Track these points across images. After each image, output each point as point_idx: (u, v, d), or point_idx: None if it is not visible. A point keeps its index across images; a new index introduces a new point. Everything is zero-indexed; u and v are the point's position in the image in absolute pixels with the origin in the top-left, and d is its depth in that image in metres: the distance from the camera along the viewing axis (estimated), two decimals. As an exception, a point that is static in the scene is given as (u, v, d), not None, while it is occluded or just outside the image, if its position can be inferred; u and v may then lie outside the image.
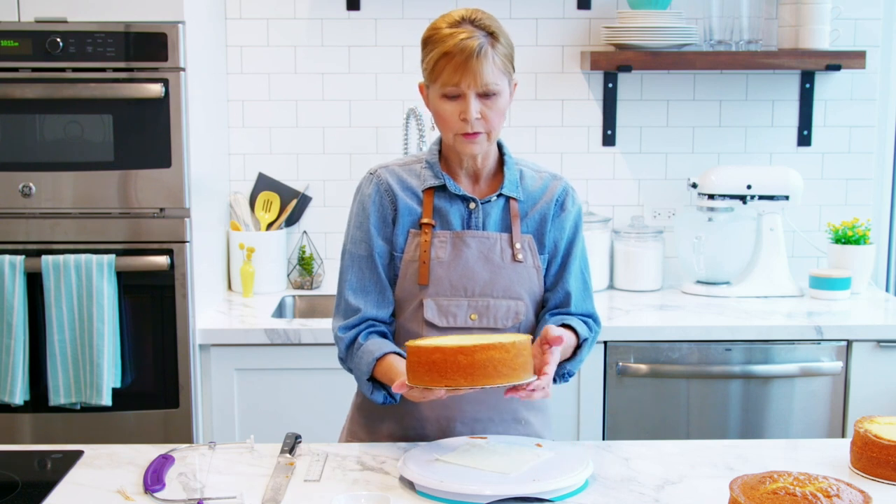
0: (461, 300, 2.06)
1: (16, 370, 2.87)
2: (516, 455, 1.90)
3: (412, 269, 2.07)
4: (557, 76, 3.53)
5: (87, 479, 1.88)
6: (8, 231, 2.93)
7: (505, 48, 1.99)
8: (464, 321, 2.06)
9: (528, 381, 1.81)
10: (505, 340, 1.79)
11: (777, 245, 3.41)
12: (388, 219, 2.09)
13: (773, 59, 3.34)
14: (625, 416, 3.03)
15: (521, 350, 1.80)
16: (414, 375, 1.82)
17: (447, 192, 2.09)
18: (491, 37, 1.96)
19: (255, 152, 3.53)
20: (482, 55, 1.94)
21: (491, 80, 1.95)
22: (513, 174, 2.11)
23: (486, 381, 1.77)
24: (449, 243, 2.06)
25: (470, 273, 2.06)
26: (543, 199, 2.12)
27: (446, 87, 1.97)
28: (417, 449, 1.94)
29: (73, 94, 2.87)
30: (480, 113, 1.97)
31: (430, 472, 1.81)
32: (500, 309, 2.06)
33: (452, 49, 1.94)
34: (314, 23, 3.48)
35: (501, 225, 2.09)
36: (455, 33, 1.95)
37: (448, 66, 1.95)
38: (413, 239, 2.07)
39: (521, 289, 2.07)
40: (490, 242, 2.07)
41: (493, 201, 2.09)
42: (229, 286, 3.47)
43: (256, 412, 3.01)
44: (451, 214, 2.07)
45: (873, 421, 1.95)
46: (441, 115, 2.01)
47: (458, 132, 2.00)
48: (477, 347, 1.76)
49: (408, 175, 2.11)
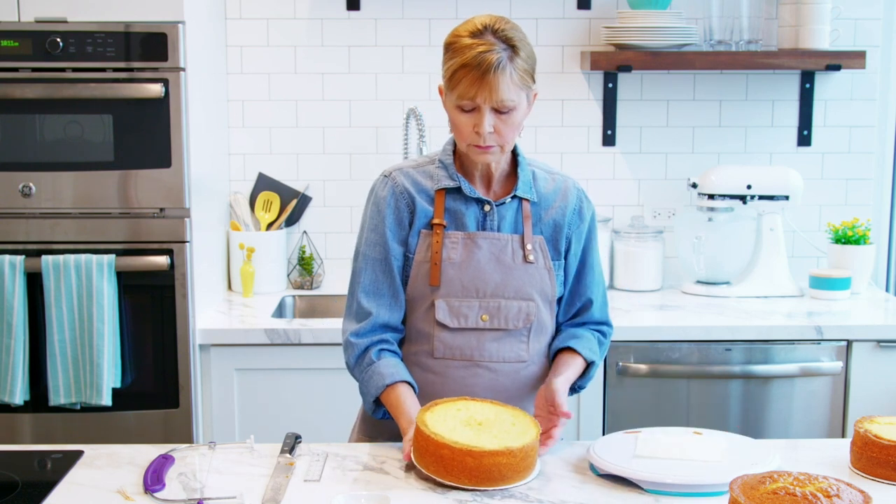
0: (472, 301, 2.06)
1: (16, 370, 2.87)
2: (693, 443, 1.95)
3: (423, 270, 2.07)
4: (557, 76, 3.53)
5: (87, 479, 1.88)
6: (8, 231, 2.93)
7: (524, 62, 1.98)
8: (475, 322, 2.07)
9: (532, 477, 1.87)
10: (514, 446, 1.82)
11: (777, 245, 3.41)
12: (405, 221, 2.09)
13: (773, 59, 3.34)
14: (625, 416, 3.02)
15: (528, 453, 1.84)
16: (420, 458, 1.85)
17: (461, 194, 2.09)
18: (511, 50, 1.95)
19: (255, 152, 3.53)
20: (499, 71, 1.93)
21: (507, 97, 1.95)
22: (526, 176, 2.12)
23: (490, 484, 1.81)
24: (461, 244, 2.07)
25: (481, 274, 2.06)
26: (557, 203, 2.13)
27: (462, 99, 1.97)
28: (599, 449, 1.94)
29: (73, 94, 2.87)
30: (494, 127, 1.98)
31: (651, 469, 1.84)
32: (512, 310, 2.07)
33: (471, 62, 1.93)
34: (314, 23, 3.48)
35: (515, 226, 2.10)
36: (475, 45, 1.94)
37: (465, 78, 1.94)
38: (424, 240, 2.08)
39: (532, 290, 2.08)
40: (501, 243, 2.07)
41: (507, 203, 2.10)
42: (229, 286, 3.47)
43: (256, 412, 3.01)
44: (466, 217, 2.08)
45: (873, 421, 1.95)
46: (456, 124, 2.02)
47: (472, 143, 2.01)
48: (486, 453, 1.80)
49: (421, 177, 2.11)
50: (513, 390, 2.11)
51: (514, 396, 2.10)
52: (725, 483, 1.75)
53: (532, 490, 1.83)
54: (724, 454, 1.90)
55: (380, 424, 2.17)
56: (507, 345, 2.08)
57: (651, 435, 1.99)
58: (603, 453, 1.91)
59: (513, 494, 1.81)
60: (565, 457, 2.00)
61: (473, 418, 1.91)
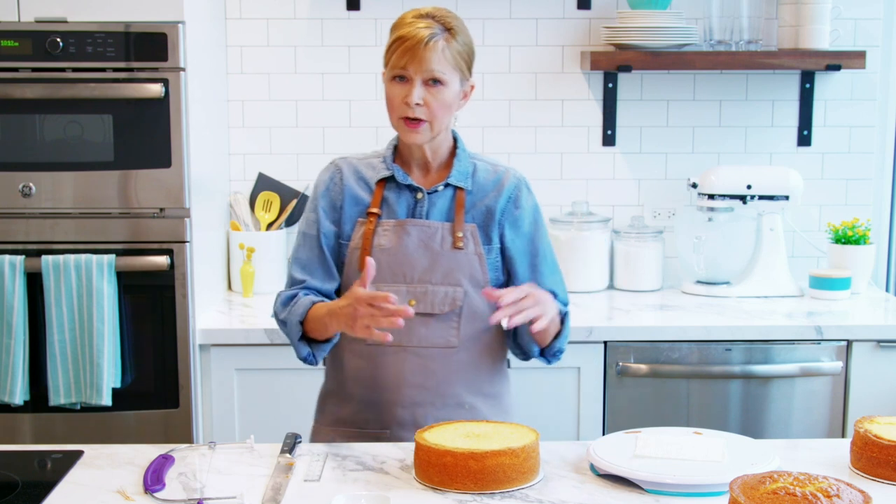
0: (400, 286, 2.12)
1: (16, 370, 2.87)
2: (693, 443, 1.95)
3: (355, 257, 2.15)
4: (557, 76, 3.53)
5: (87, 479, 1.88)
6: (8, 231, 2.93)
7: (461, 46, 2.09)
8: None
9: (537, 480, 1.86)
10: (515, 445, 1.83)
11: (777, 245, 3.41)
12: (337, 205, 2.18)
13: (773, 59, 3.34)
14: (625, 416, 3.02)
15: (530, 454, 1.84)
16: (423, 472, 1.85)
17: (397, 183, 2.17)
18: (448, 32, 2.07)
19: (255, 152, 3.53)
20: (432, 43, 2.04)
21: (437, 68, 2.05)
22: (463, 165, 2.18)
23: (495, 486, 1.81)
24: (392, 232, 2.14)
25: (409, 260, 2.13)
26: (494, 191, 2.19)
27: (395, 69, 2.07)
28: (599, 449, 1.94)
29: (73, 94, 2.87)
30: (424, 100, 2.06)
31: (651, 469, 1.84)
32: (438, 295, 2.13)
33: (406, 34, 2.05)
34: (314, 23, 3.48)
35: (447, 214, 2.16)
36: (414, 22, 2.07)
37: (399, 48, 2.06)
38: (359, 228, 2.16)
39: (460, 275, 2.13)
40: (431, 230, 2.14)
41: (440, 191, 2.17)
42: (229, 286, 3.47)
43: (256, 412, 3.01)
44: (397, 204, 2.16)
45: (873, 421, 1.95)
46: (389, 97, 2.11)
47: (401, 115, 2.09)
48: (488, 454, 1.80)
49: (364, 167, 2.21)
50: (442, 375, 2.14)
51: (443, 382, 2.14)
52: (725, 483, 1.75)
53: (532, 490, 1.83)
54: (724, 454, 1.90)
55: (324, 410, 2.23)
56: (435, 329, 2.13)
57: (651, 435, 1.99)
58: (603, 453, 1.91)
59: (513, 494, 1.81)
60: (565, 457, 2.00)
61: (472, 432, 1.92)
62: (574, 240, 3.42)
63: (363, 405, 2.17)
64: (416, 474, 1.87)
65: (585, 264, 3.43)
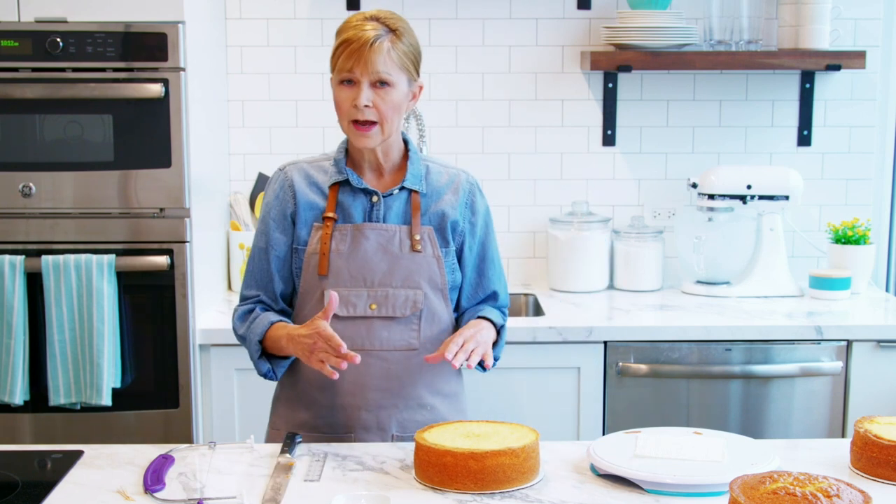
0: (360, 290, 2.13)
1: (16, 370, 2.87)
2: (693, 443, 1.95)
3: (313, 262, 2.14)
4: (557, 76, 3.53)
5: (87, 479, 1.88)
6: (8, 231, 2.93)
7: (406, 47, 2.08)
8: (363, 311, 2.13)
9: (536, 480, 1.87)
10: (515, 445, 1.83)
11: (777, 245, 3.41)
12: (287, 213, 2.17)
13: (773, 59, 3.34)
14: (625, 416, 3.02)
15: (530, 454, 1.85)
16: (423, 472, 1.85)
17: (351, 187, 2.16)
18: (393, 33, 2.06)
19: (255, 152, 3.53)
20: (377, 45, 2.04)
21: (383, 69, 2.05)
22: (416, 168, 2.19)
23: (495, 486, 1.82)
24: (349, 236, 2.14)
25: (368, 264, 2.13)
26: (448, 193, 2.20)
27: (342, 72, 2.07)
28: (599, 449, 1.94)
29: (73, 94, 2.87)
30: (372, 102, 2.06)
31: (651, 469, 1.84)
32: (399, 298, 2.13)
33: (351, 37, 2.05)
34: (314, 23, 3.48)
35: (403, 217, 2.17)
36: (360, 25, 2.06)
37: (345, 52, 2.05)
38: (315, 233, 2.15)
39: (420, 278, 2.14)
40: (389, 234, 2.14)
41: (395, 194, 2.17)
42: (229, 286, 3.47)
43: (256, 412, 3.00)
44: (353, 208, 2.16)
45: (873, 421, 1.95)
46: (337, 102, 2.10)
47: (350, 118, 2.08)
48: (488, 453, 1.81)
49: (315, 171, 2.20)
50: (405, 378, 2.15)
51: (406, 384, 2.15)
52: (725, 483, 1.75)
53: (532, 490, 1.83)
54: (724, 454, 1.90)
55: (286, 415, 2.21)
56: (396, 332, 2.14)
57: (651, 435, 1.99)
58: (603, 453, 1.91)
59: (513, 494, 1.81)
60: (565, 457, 2.00)
61: (471, 432, 1.92)
62: (574, 240, 3.42)
63: (325, 409, 2.16)
64: (416, 474, 1.87)
65: (585, 264, 3.43)
